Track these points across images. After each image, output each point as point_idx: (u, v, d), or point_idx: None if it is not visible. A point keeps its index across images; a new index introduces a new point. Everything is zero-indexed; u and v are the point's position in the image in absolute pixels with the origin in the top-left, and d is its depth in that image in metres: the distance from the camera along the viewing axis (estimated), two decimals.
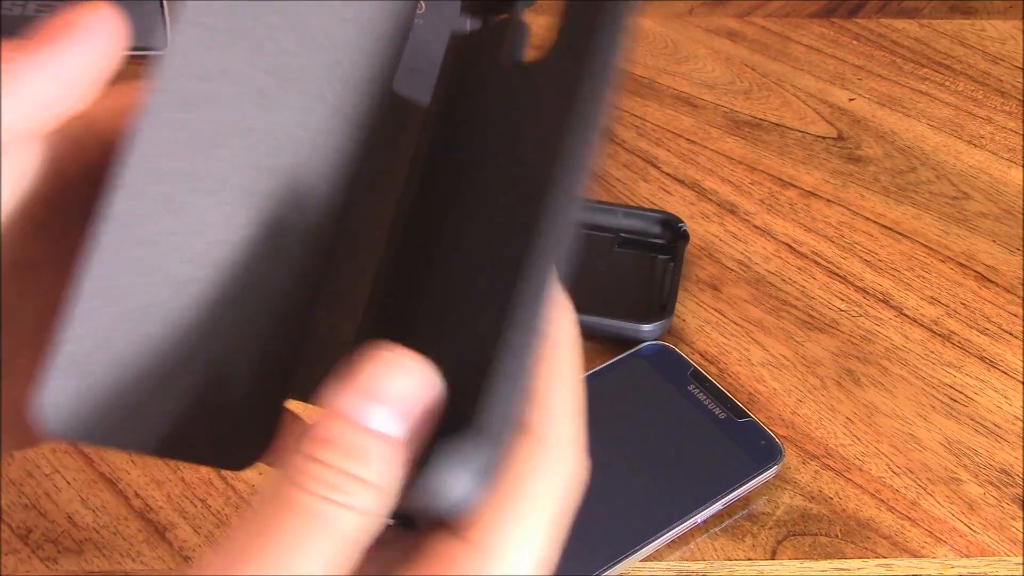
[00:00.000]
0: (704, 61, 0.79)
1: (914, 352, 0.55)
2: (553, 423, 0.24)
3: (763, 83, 0.76)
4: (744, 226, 0.63)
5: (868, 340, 0.56)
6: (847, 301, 0.58)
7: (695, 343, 0.55)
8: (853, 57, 0.79)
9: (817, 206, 0.65)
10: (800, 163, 0.68)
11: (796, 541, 0.46)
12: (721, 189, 0.66)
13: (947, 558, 0.46)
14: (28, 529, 0.47)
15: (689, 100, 0.74)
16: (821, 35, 0.82)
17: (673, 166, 0.68)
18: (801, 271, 0.60)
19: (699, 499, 0.46)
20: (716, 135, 0.71)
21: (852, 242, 0.62)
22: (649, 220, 0.60)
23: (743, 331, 0.56)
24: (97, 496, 0.48)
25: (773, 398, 0.52)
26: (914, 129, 0.72)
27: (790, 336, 0.56)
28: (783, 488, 0.48)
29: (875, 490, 0.48)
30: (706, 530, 0.46)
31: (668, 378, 0.51)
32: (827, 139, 0.71)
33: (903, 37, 0.82)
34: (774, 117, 0.73)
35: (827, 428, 0.51)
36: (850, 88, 0.76)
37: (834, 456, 0.49)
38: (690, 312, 0.57)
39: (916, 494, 0.48)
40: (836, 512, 0.47)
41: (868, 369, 0.54)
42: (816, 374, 0.54)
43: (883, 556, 0.46)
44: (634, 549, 0.44)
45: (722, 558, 0.45)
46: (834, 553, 0.45)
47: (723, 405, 0.50)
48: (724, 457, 0.47)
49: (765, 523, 0.46)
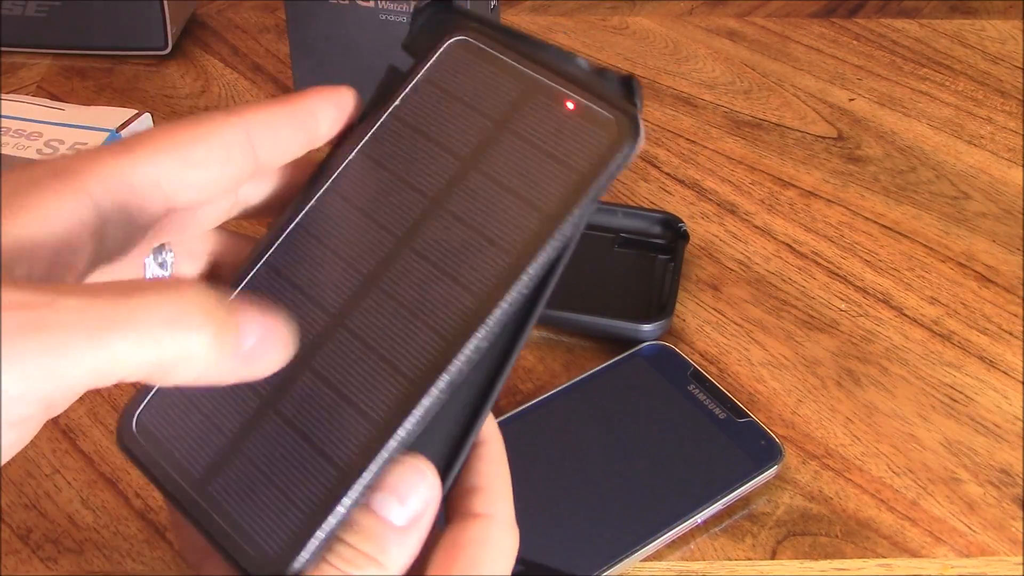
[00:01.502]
0: (704, 61, 0.79)
1: (914, 352, 0.55)
2: (498, 506, 0.30)
3: (763, 83, 0.76)
4: (744, 226, 0.63)
5: (868, 340, 0.56)
6: (847, 301, 0.58)
7: (695, 343, 0.55)
8: (853, 57, 0.79)
9: (817, 206, 0.65)
10: (800, 163, 0.68)
11: (796, 541, 0.46)
12: (721, 189, 0.66)
13: (947, 558, 0.46)
14: (28, 529, 0.47)
15: (689, 100, 0.74)
16: (821, 35, 0.82)
17: (673, 166, 0.68)
18: (801, 271, 0.60)
19: (699, 499, 0.46)
20: (716, 135, 0.71)
21: (852, 242, 0.62)
22: (649, 220, 0.60)
23: (743, 331, 0.56)
24: (97, 496, 0.48)
25: (773, 398, 0.52)
26: (914, 129, 0.72)
27: (790, 336, 0.56)
28: (783, 488, 0.48)
29: (875, 490, 0.48)
30: (706, 530, 0.46)
31: (668, 378, 0.51)
32: (827, 139, 0.71)
33: (903, 37, 0.82)
34: (774, 117, 0.73)
35: (827, 428, 0.51)
36: (850, 88, 0.76)
37: (834, 456, 0.49)
38: (690, 312, 0.57)
39: (916, 494, 0.48)
40: (836, 512, 0.47)
41: (868, 369, 0.54)
42: (816, 374, 0.54)
43: (883, 556, 0.46)
44: (634, 549, 0.44)
45: (722, 558, 0.45)
46: (834, 553, 0.45)
47: (723, 405, 0.50)
48: (724, 457, 0.47)
49: (765, 523, 0.46)
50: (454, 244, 0.29)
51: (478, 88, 0.31)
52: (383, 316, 0.29)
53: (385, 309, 0.29)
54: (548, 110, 0.30)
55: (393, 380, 0.28)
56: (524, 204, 0.29)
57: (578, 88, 0.30)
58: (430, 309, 0.29)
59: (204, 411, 0.29)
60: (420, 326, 0.28)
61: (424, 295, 0.29)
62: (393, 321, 0.29)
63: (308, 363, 0.29)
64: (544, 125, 0.30)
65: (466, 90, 0.31)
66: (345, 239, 0.30)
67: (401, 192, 0.30)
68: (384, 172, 0.31)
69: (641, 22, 0.83)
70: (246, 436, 0.29)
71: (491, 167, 0.30)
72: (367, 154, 0.31)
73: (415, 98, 0.31)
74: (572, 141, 0.30)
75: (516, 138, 0.30)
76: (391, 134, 0.31)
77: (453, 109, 0.31)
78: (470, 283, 0.29)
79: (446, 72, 0.31)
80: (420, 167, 0.30)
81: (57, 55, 0.77)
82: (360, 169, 0.31)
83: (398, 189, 0.30)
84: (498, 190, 0.30)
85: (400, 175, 0.31)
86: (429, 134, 0.31)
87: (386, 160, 0.31)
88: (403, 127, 0.31)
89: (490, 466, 0.30)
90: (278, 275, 0.30)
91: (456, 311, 0.28)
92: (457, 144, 0.30)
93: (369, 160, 0.31)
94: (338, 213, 0.31)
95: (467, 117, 0.31)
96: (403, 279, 0.29)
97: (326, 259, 0.30)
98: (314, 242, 0.30)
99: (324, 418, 0.28)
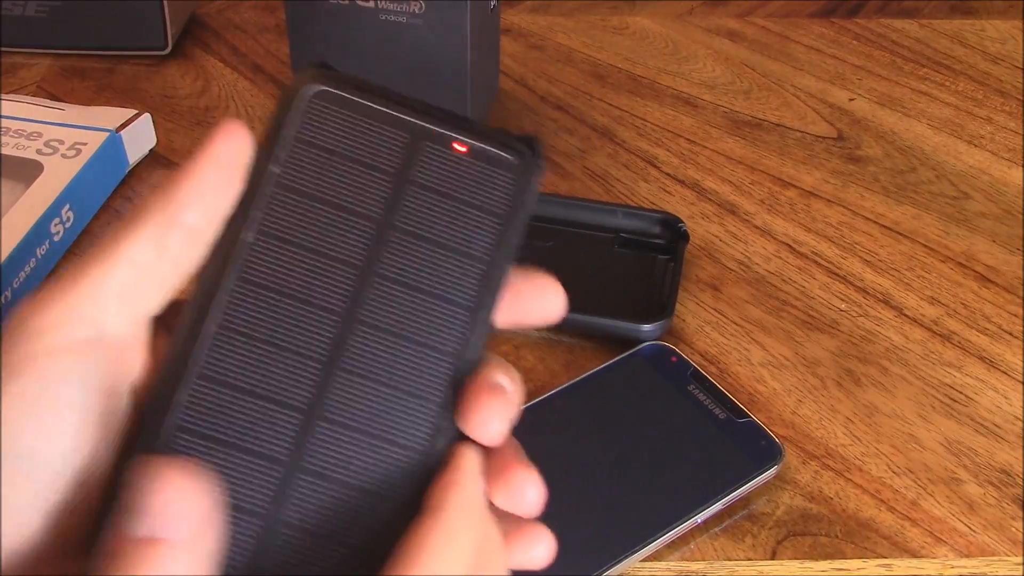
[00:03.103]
0: (704, 61, 0.79)
1: (914, 352, 0.55)
2: (450, 497, 0.28)
3: (763, 83, 0.76)
4: (744, 226, 0.63)
5: (868, 340, 0.56)
6: (847, 301, 0.58)
7: (695, 343, 0.55)
8: (853, 57, 0.79)
9: (817, 206, 0.65)
10: (800, 163, 0.68)
11: (796, 541, 0.46)
12: (721, 189, 0.66)
13: (947, 558, 0.46)
14: None
15: (689, 100, 0.74)
16: (821, 35, 0.82)
17: (673, 166, 0.68)
18: (801, 271, 0.60)
19: (699, 499, 0.46)
20: (716, 135, 0.71)
21: (852, 242, 0.62)
22: (649, 220, 0.60)
23: (743, 331, 0.56)
24: None
25: (773, 398, 0.52)
26: (914, 129, 0.72)
27: (790, 336, 0.56)
28: (783, 488, 0.48)
29: (875, 490, 0.48)
30: (706, 530, 0.46)
31: (668, 378, 0.51)
32: (827, 139, 0.71)
33: (903, 37, 0.82)
34: (774, 117, 0.73)
35: (827, 428, 0.51)
36: (850, 88, 0.76)
37: (834, 456, 0.49)
38: (690, 312, 0.57)
39: (916, 494, 0.48)
40: (836, 512, 0.47)
41: (868, 369, 0.54)
42: (816, 374, 0.54)
43: (883, 556, 0.46)
44: (634, 549, 0.44)
45: (722, 558, 0.45)
46: (834, 553, 0.45)
47: (723, 405, 0.50)
48: (724, 457, 0.48)
49: (765, 523, 0.46)
50: (404, 308, 0.29)
51: (360, 141, 0.29)
52: (361, 398, 0.28)
53: (361, 391, 0.28)
54: (442, 155, 0.29)
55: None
56: (458, 255, 0.29)
57: (463, 129, 0.29)
58: (402, 377, 0.28)
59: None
60: (400, 395, 0.28)
61: (393, 363, 0.29)
62: (374, 398, 0.28)
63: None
64: (444, 171, 0.29)
65: (348, 145, 0.29)
66: (285, 330, 0.28)
67: (327, 268, 0.29)
68: (298, 250, 0.29)
69: (641, 22, 0.83)
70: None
71: (407, 223, 0.29)
72: (269, 234, 0.29)
73: (295, 161, 0.29)
74: (479, 183, 0.29)
75: (421, 190, 0.29)
76: (285, 207, 0.29)
77: (342, 168, 0.29)
78: (434, 343, 0.29)
79: (318, 128, 0.29)
80: (334, 237, 0.29)
81: (57, 55, 0.77)
82: (269, 253, 0.29)
83: (322, 266, 0.29)
84: (426, 246, 0.29)
85: (317, 250, 0.29)
86: (328, 199, 0.29)
87: (294, 237, 0.29)
88: (295, 196, 0.29)
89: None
90: (222, 386, 0.28)
91: (429, 372, 0.29)
92: (362, 205, 0.29)
93: (275, 240, 0.29)
94: (264, 303, 0.28)
95: (361, 175, 0.29)
96: (364, 355, 0.29)
97: (271, 356, 0.28)
98: (248, 341, 0.28)
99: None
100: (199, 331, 0.28)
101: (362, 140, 0.29)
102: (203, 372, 0.28)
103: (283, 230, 0.29)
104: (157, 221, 0.27)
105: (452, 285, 0.29)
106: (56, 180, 0.59)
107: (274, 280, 0.29)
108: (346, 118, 0.29)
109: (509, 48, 0.79)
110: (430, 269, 0.29)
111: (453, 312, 0.29)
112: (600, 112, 0.73)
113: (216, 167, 0.28)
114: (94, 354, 0.26)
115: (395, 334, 0.29)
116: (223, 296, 0.28)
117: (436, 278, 0.29)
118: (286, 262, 0.29)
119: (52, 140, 0.62)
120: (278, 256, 0.29)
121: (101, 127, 0.64)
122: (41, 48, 0.77)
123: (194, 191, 0.28)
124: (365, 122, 0.29)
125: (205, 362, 0.28)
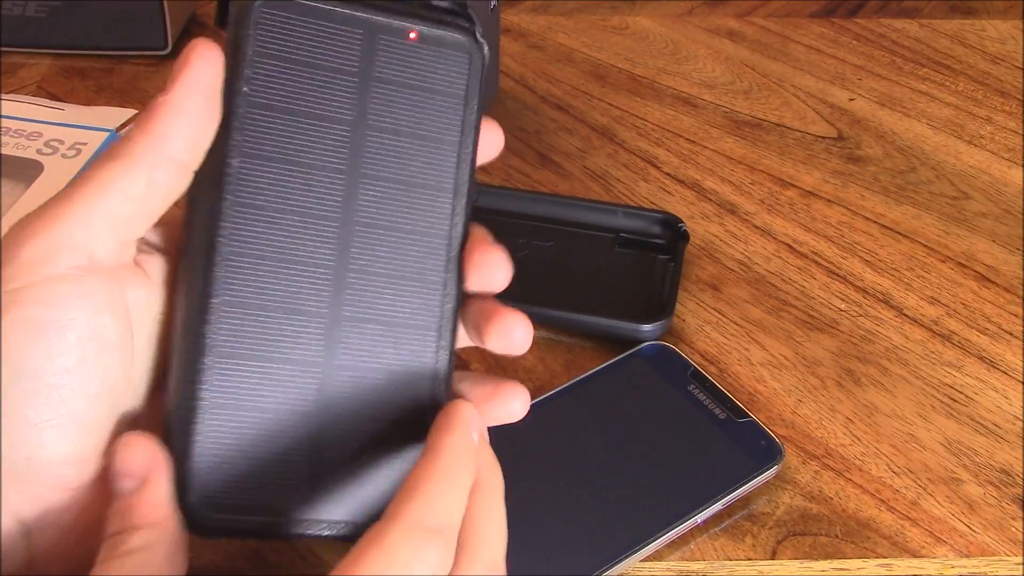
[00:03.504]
0: (704, 61, 0.79)
1: (914, 352, 0.55)
2: (402, 507, 0.29)
3: (763, 83, 0.76)
4: (744, 226, 0.63)
5: (868, 340, 0.56)
6: (847, 301, 0.58)
7: (695, 343, 0.55)
8: (853, 57, 0.79)
9: (817, 206, 0.65)
10: (800, 163, 0.68)
11: (796, 541, 0.46)
12: (721, 189, 0.66)
13: (947, 558, 0.46)
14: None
15: (689, 100, 0.74)
16: (821, 35, 0.82)
17: (673, 166, 0.68)
18: (801, 271, 0.60)
19: (699, 499, 0.46)
20: (716, 135, 0.71)
21: (852, 242, 0.62)
22: (649, 220, 0.60)
23: (743, 331, 0.56)
24: None
25: (773, 398, 0.52)
26: (914, 129, 0.72)
27: (790, 336, 0.56)
28: (783, 488, 0.48)
29: (875, 490, 0.48)
30: (706, 530, 0.46)
31: (668, 378, 0.51)
32: (827, 139, 0.71)
33: (903, 37, 0.82)
34: (774, 117, 0.73)
35: (827, 428, 0.51)
36: (850, 88, 0.76)
37: (834, 456, 0.49)
38: (690, 312, 0.57)
39: (916, 494, 0.48)
40: (836, 512, 0.47)
41: (868, 369, 0.54)
42: (816, 374, 0.54)
43: (883, 556, 0.46)
44: (634, 549, 0.44)
45: (722, 558, 0.45)
46: (834, 553, 0.45)
47: (723, 405, 0.50)
48: (724, 457, 0.47)
49: (765, 523, 0.46)
50: (395, 203, 0.31)
51: (316, 45, 0.30)
52: (376, 292, 0.30)
53: (375, 286, 0.30)
54: (397, 47, 0.30)
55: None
56: (432, 143, 0.31)
57: (407, 15, 0.31)
58: (406, 264, 0.31)
59: (249, 449, 0.29)
60: (408, 282, 0.31)
61: (392, 255, 0.31)
62: (387, 290, 0.31)
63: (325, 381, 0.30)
64: (401, 62, 0.31)
65: (307, 51, 0.30)
66: (288, 244, 0.29)
67: (315, 178, 0.30)
68: (284, 166, 0.30)
69: (641, 22, 0.83)
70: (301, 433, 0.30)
71: (380, 120, 0.30)
72: (250, 155, 0.29)
73: (261, 77, 0.29)
74: (435, 68, 0.31)
75: (386, 85, 0.30)
76: (262, 125, 0.29)
77: (307, 75, 0.30)
78: (426, 229, 0.31)
79: (274, 39, 0.29)
80: (315, 146, 0.30)
81: (57, 55, 0.77)
82: (255, 174, 0.29)
83: (309, 176, 0.30)
84: (402, 139, 0.31)
85: (302, 162, 0.30)
86: (300, 110, 0.30)
87: (277, 153, 0.30)
88: (269, 113, 0.30)
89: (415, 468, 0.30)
90: (245, 308, 0.29)
91: (429, 253, 0.31)
92: (334, 110, 0.30)
93: (258, 161, 0.29)
94: (263, 223, 0.29)
95: (326, 79, 0.30)
96: (369, 253, 0.30)
97: (280, 270, 0.29)
98: (255, 260, 0.29)
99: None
100: (213, 262, 0.29)
101: (318, 44, 0.30)
102: (224, 300, 0.29)
103: (265, 149, 0.30)
104: (148, 158, 0.29)
105: (432, 173, 0.31)
106: (56, 180, 0.60)
107: (266, 202, 0.30)
108: (298, 24, 0.30)
109: (509, 48, 0.79)
110: (409, 160, 0.31)
111: (437, 197, 0.31)
112: (600, 112, 0.73)
113: (196, 95, 0.29)
114: (88, 278, 0.28)
115: (392, 228, 0.30)
116: (223, 223, 0.29)
117: (417, 168, 0.31)
118: (275, 180, 0.30)
119: (52, 140, 0.62)
120: (266, 175, 0.30)
121: (101, 127, 0.64)
122: (41, 48, 0.77)
123: (178, 122, 0.29)
124: (317, 24, 0.30)
125: (222, 290, 0.29)
